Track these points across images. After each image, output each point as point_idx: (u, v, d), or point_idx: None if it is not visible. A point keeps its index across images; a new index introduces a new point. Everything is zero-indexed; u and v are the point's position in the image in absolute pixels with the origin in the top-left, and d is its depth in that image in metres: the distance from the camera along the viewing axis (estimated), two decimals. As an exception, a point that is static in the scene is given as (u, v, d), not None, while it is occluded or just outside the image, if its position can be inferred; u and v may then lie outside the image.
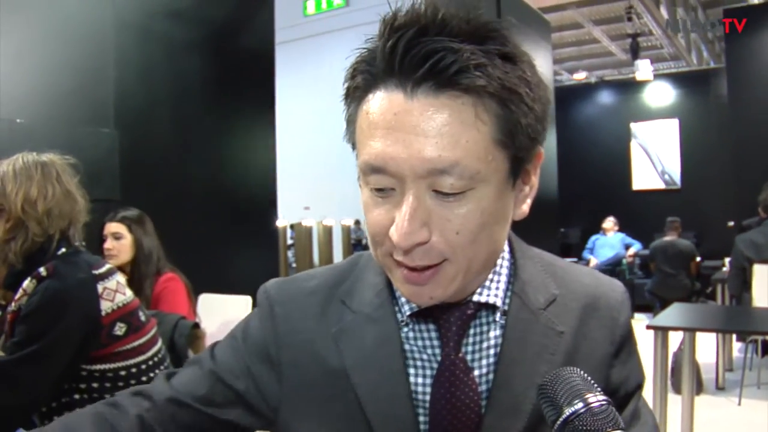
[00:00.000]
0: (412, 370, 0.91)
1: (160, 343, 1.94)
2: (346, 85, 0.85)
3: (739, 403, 5.25)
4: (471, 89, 0.76)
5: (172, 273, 3.22)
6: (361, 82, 0.81)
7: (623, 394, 0.98)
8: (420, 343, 0.92)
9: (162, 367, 1.89)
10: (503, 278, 0.94)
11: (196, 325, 2.65)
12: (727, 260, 6.42)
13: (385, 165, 0.77)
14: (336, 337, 0.93)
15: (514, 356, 0.90)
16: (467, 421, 0.88)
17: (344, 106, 0.86)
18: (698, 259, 7.66)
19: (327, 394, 0.92)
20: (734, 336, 6.44)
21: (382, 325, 0.92)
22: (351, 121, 0.85)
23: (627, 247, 10.26)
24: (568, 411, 0.67)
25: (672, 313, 4.46)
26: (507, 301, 0.93)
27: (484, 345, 0.92)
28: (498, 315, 0.92)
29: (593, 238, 10.61)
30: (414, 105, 0.76)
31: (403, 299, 0.92)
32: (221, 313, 3.43)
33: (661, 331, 3.95)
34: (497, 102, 0.78)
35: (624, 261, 10.07)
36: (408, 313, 0.92)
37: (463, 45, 0.75)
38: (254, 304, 3.15)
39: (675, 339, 4.54)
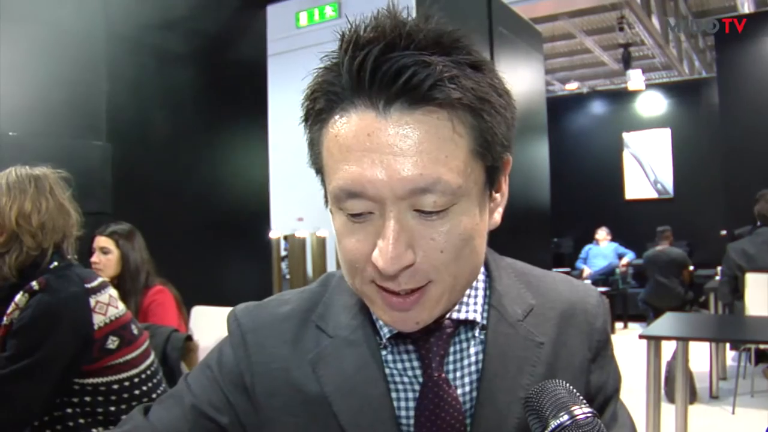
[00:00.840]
0: (393, 394, 0.88)
1: (152, 357, 1.94)
2: (305, 106, 0.81)
3: (733, 412, 5.26)
4: (446, 103, 0.73)
5: (161, 285, 3.22)
6: (325, 103, 0.78)
7: (602, 399, 0.97)
8: (400, 365, 0.89)
9: (155, 380, 1.89)
10: (480, 292, 0.92)
11: (189, 338, 2.64)
12: (719, 269, 6.42)
13: (363, 189, 0.74)
14: (313, 363, 0.90)
15: (496, 371, 0.88)
16: None
17: (304, 129, 0.83)
18: (691, 267, 7.69)
19: (307, 422, 0.89)
20: (728, 345, 6.48)
21: (361, 348, 0.89)
22: (314, 145, 0.82)
23: (620, 256, 10.28)
24: (553, 424, 0.67)
25: (665, 323, 4.48)
26: (485, 315, 0.91)
27: (465, 362, 0.89)
28: (477, 331, 0.90)
29: (586, 248, 10.64)
30: (388, 124, 0.73)
31: (381, 322, 0.89)
32: (214, 326, 3.43)
33: (654, 341, 3.96)
34: (471, 113, 0.76)
35: (617, 270, 10.09)
36: (387, 335, 0.89)
37: (434, 57, 0.72)
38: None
39: (669, 348, 4.55)
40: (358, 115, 0.75)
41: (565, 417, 0.67)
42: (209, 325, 3.43)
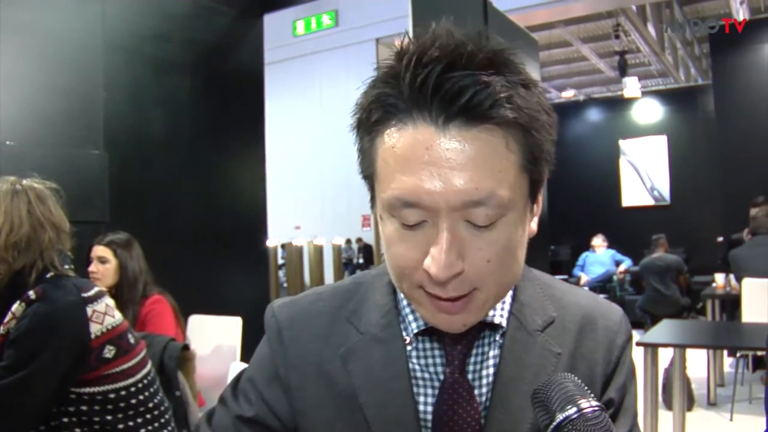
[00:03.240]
0: (415, 389, 0.93)
1: (149, 366, 1.93)
2: (359, 115, 0.84)
3: (731, 419, 5.25)
4: (502, 121, 0.77)
5: (159, 295, 3.21)
6: (381, 114, 0.80)
7: (613, 413, 0.98)
8: (423, 361, 0.94)
9: (152, 390, 1.89)
10: (507, 299, 0.96)
11: (186, 347, 2.64)
12: (717, 276, 6.46)
13: (420, 200, 0.77)
14: (344, 357, 0.95)
15: (511, 376, 0.92)
16: None
17: (355, 137, 0.86)
18: (687, 273, 7.70)
19: (335, 414, 0.93)
20: (725, 351, 6.45)
21: (389, 346, 0.94)
22: (366, 153, 0.85)
23: (617, 263, 10.29)
24: (560, 416, 0.68)
25: (662, 330, 4.49)
26: (506, 322, 0.94)
27: (484, 365, 0.93)
28: (498, 336, 0.94)
29: (584, 255, 10.64)
30: (447, 139, 0.76)
31: (410, 318, 0.94)
32: (212, 335, 3.43)
33: (651, 348, 3.97)
34: (522, 131, 0.79)
35: (614, 278, 10.10)
36: (415, 331, 0.93)
37: (492, 78, 0.76)
38: (245, 324, 3.12)
39: (667, 355, 4.55)
40: (416, 129, 0.77)
41: (573, 410, 0.68)
42: (206, 334, 3.43)
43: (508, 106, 0.76)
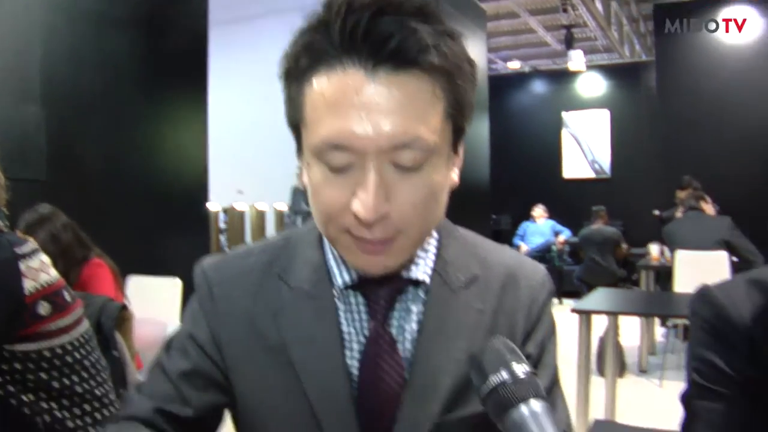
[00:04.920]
0: (344, 344, 0.95)
1: (86, 324, 1.91)
2: (287, 63, 0.86)
3: (661, 385, 5.45)
4: (429, 67, 0.80)
5: (99, 259, 3.16)
6: (309, 61, 0.83)
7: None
8: (350, 316, 0.96)
9: (88, 348, 1.86)
10: (430, 255, 0.99)
11: (124, 307, 2.61)
12: (652, 247, 6.64)
13: (349, 142, 0.80)
14: (275, 313, 0.97)
15: (434, 331, 0.95)
16: (391, 393, 0.94)
17: (284, 85, 0.88)
18: (624, 246, 7.87)
19: (267, 369, 0.96)
20: (657, 321, 6.73)
21: (319, 301, 0.96)
22: (293, 100, 0.87)
23: (557, 234, 10.50)
24: (494, 379, 0.70)
25: (596, 298, 4.60)
26: (430, 279, 0.98)
27: (408, 319, 0.97)
28: (422, 292, 0.97)
29: (524, 225, 10.82)
30: (376, 84, 0.79)
31: (336, 272, 0.97)
32: (151, 296, 3.40)
33: (586, 315, 4.07)
34: (448, 78, 0.83)
35: (554, 248, 10.30)
36: (341, 286, 0.96)
37: (419, 25, 0.79)
38: (185, 287, 3.09)
39: (601, 323, 4.68)
40: (346, 74, 0.80)
41: (505, 373, 0.70)
42: (146, 295, 3.41)
43: (435, 53, 0.80)
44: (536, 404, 0.67)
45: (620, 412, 4.35)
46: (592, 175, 12.48)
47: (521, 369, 0.70)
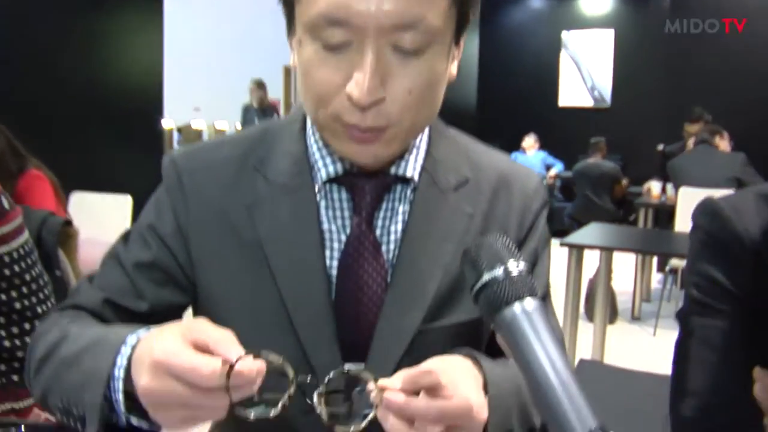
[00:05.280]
0: (323, 242, 0.99)
1: (26, 235, 1.91)
2: None
3: (654, 333, 5.59)
4: None
5: (37, 170, 3.15)
6: None
7: None
8: (331, 213, 1.00)
9: (29, 261, 1.87)
10: (421, 153, 1.02)
11: (68, 223, 2.61)
12: (653, 183, 6.74)
13: (348, 17, 0.81)
14: (250, 207, 1.00)
15: (420, 233, 1.00)
16: (372, 297, 0.98)
17: None
18: (624, 181, 7.93)
19: (240, 266, 0.99)
20: (654, 266, 6.80)
21: (299, 195, 0.99)
22: None
23: (548, 167, 10.53)
24: (487, 276, 0.71)
25: (589, 232, 4.64)
26: (418, 177, 1.01)
27: (393, 220, 1.00)
28: (409, 191, 1.01)
29: (513, 156, 10.81)
30: None
31: (320, 164, 0.99)
32: (99, 214, 3.40)
33: (577, 250, 4.09)
34: None
35: (544, 183, 10.30)
36: (325, 178, 0.99)
37: None
38: (136, 205, 3.10)
39: (593, 264, 4.70)
40: None
41: (500, 270, 0.71)
42: (92, 213, 3.40)
43: None
44: (530, 303, 0.69)
45: (609, 358, 4.41)
46: (590, 103, 12.45)
47: (517, 266, 0.71)
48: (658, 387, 1.42)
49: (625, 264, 6.25)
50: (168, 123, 7.36)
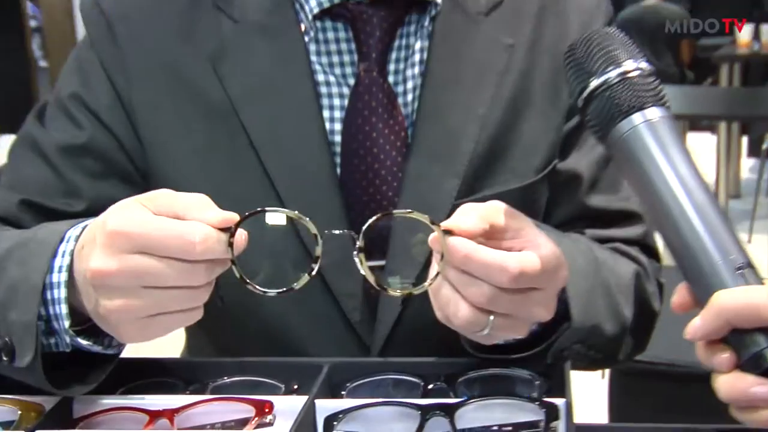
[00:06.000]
0: (318, 98, 0.87)
1: None
2: None
3: (749, 240, 4.92)
4: None
5: None
6: None
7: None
8: (326, 59, 0.88)
9: None
10: None
11: None
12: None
13: None
14: (213, 58, 0.86)
15: (446, 76, 0.88)
16: (391, 166, 0.86)
17: None
18: (694, 35, 6.41)
19: (205, 139, 0.86)
20: (744, 147, 6.06)
21: (280, 37, 0.87)
22: None
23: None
24: (595, 81, 0.61)
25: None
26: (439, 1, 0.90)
27: (409, 62, 0.89)
28: (427, 20, 0.89)
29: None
30: None
31: None
32: None
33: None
34: None
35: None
36: (315, 11, 0.85)
37: None
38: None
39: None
40: None
41: (614, 72, 0.60)
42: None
43: None
44: (654, 112, 0.59)
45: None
46: None
47: (637, 66, 0.60)
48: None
49: (702, 146, 5.46)
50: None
